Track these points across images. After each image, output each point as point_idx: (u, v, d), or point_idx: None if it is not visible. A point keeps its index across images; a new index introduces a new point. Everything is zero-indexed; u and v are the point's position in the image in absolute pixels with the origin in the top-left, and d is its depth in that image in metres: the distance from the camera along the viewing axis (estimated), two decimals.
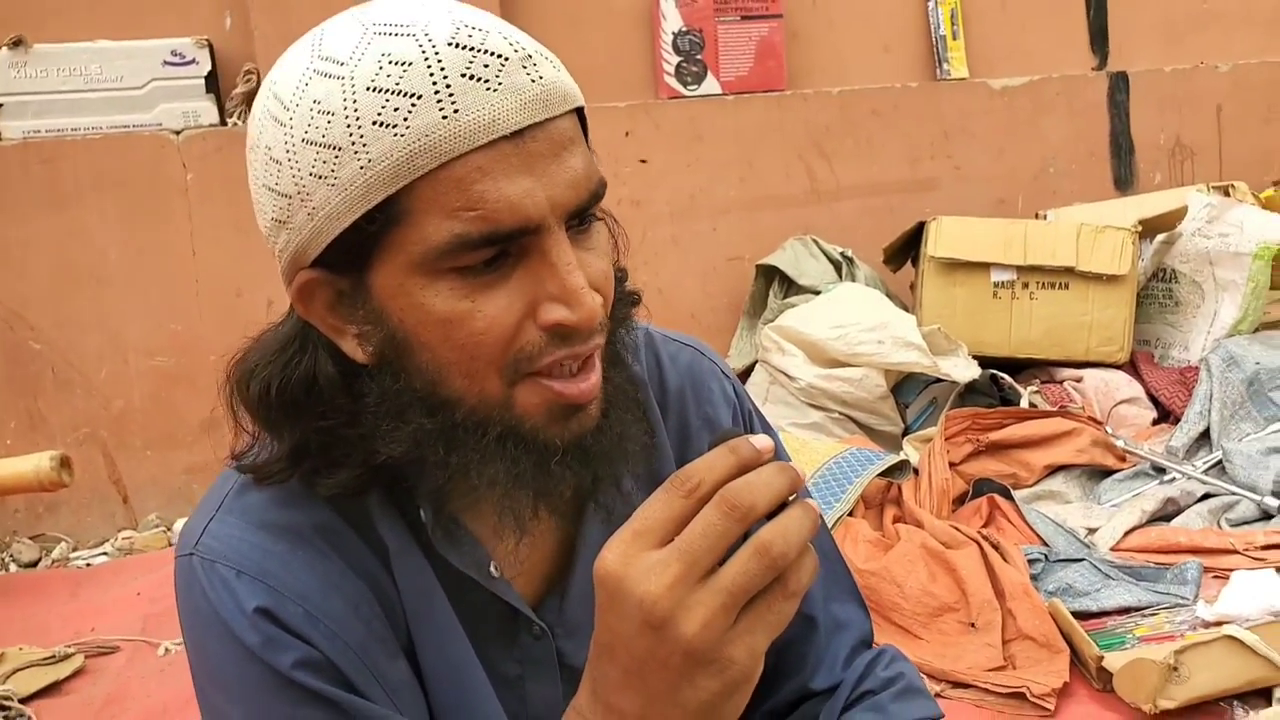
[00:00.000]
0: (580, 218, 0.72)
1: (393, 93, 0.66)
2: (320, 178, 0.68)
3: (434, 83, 0.66)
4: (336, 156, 0.67)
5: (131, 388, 3.22)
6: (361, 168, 0.66)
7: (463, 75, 0.66)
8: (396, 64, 0.66)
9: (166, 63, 3.16)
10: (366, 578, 0.79)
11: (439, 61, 0.66)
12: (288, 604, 0.75)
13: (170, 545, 3.09)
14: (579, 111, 0.74)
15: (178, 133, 3.19)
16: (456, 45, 0.66)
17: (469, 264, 0.68)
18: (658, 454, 0.89)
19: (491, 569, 0.82)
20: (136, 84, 3.16)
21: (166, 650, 2.41)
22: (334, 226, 0.69)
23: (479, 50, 0.67)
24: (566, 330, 0.70)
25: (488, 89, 0.66)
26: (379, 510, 0.79)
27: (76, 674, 2.33)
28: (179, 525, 3.17)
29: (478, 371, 0.71)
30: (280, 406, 0.75)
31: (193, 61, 3.18)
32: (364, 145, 0.66)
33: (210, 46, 3.21)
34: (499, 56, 0.67)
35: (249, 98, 3.26)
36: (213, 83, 3.22)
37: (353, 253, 0.70)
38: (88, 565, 3.02)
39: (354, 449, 0.75)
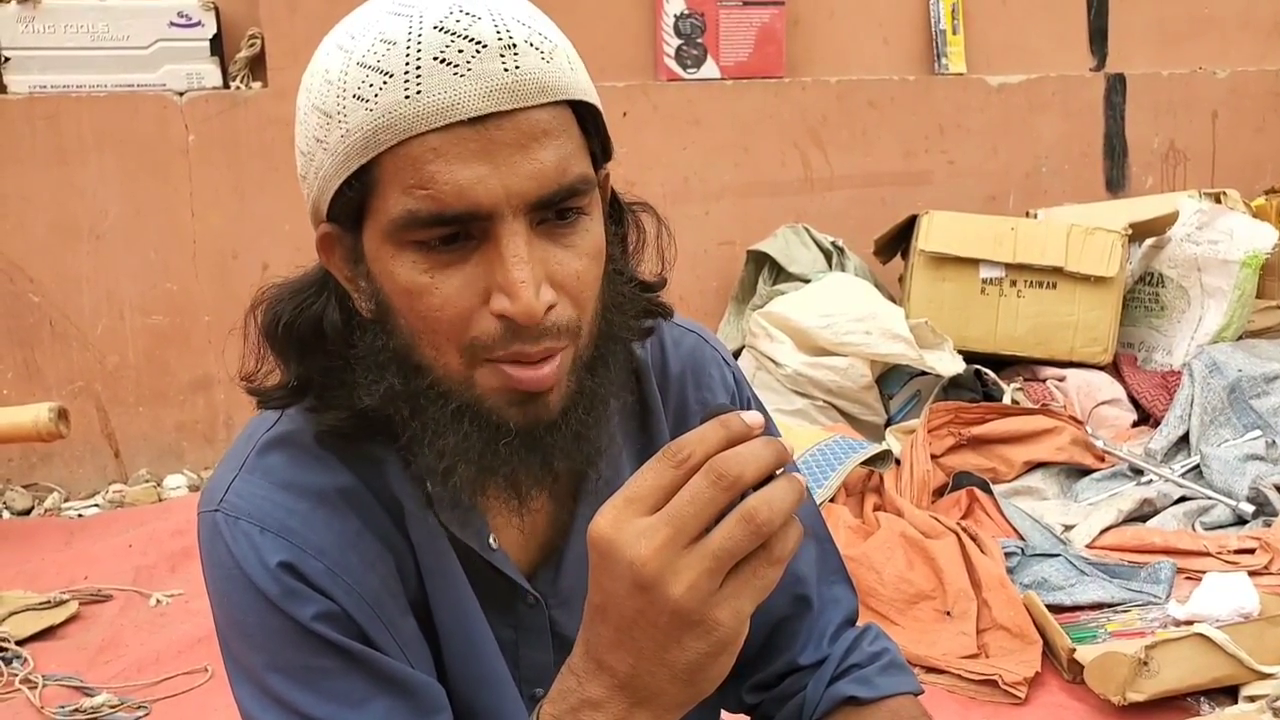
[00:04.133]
0: (557, 212, 0.73)
1: (374, 69, 0.70)
2: (319, 141, 0.73)
3: (407, 63, 0.69)
4: (327, 123, 0.72)
5: (126, 344, 3.24)
6: (342, 136, 0.71)
7: (434, 59, 0.69)
8: (385, 43, 0.70)
9: (173, 24, 3.16)
10: (382, 538, 0.82)
11: (419, 44, 0.69)
12: (308, 559, 0.78)
13: (160, 500, 3.12)
14: (578, 106, 0.74)
15: (181, 94, 3.19)
16: (440, 29, 0.69)
17: (424, 239, 0.71)
18: (655, 436, 0.93)
19: (491, 541, 0.85)
20: (142, 43, 3.15)
21: (158, 602, 2.45)
22: (329, 187, 0.74)
23: (459, 36, 0.69)
24: (509, 322, 0.71)
25: (455, 74, 0.69)
26: (396, 475, 0.82)
27: (71, 620, 2.38)
28: (168, 481, 3.21)
29: (439, 345, 0.74)
30: (287, 341, 0.80)
31: (198, 24, 3.18)
32: (344, 116, 0.71)
33: (216, 10, 3.21)
34: (477, 43, 0.69)
35: (252, 62, 3.27)
36: (217, 46, 3.22)
37: (348, 213, 0.75)
38: (80, 516, 3.05)
39: (345, 393, 0.79)
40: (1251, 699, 1.81)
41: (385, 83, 0.69)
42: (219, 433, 3.32)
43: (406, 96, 0.69)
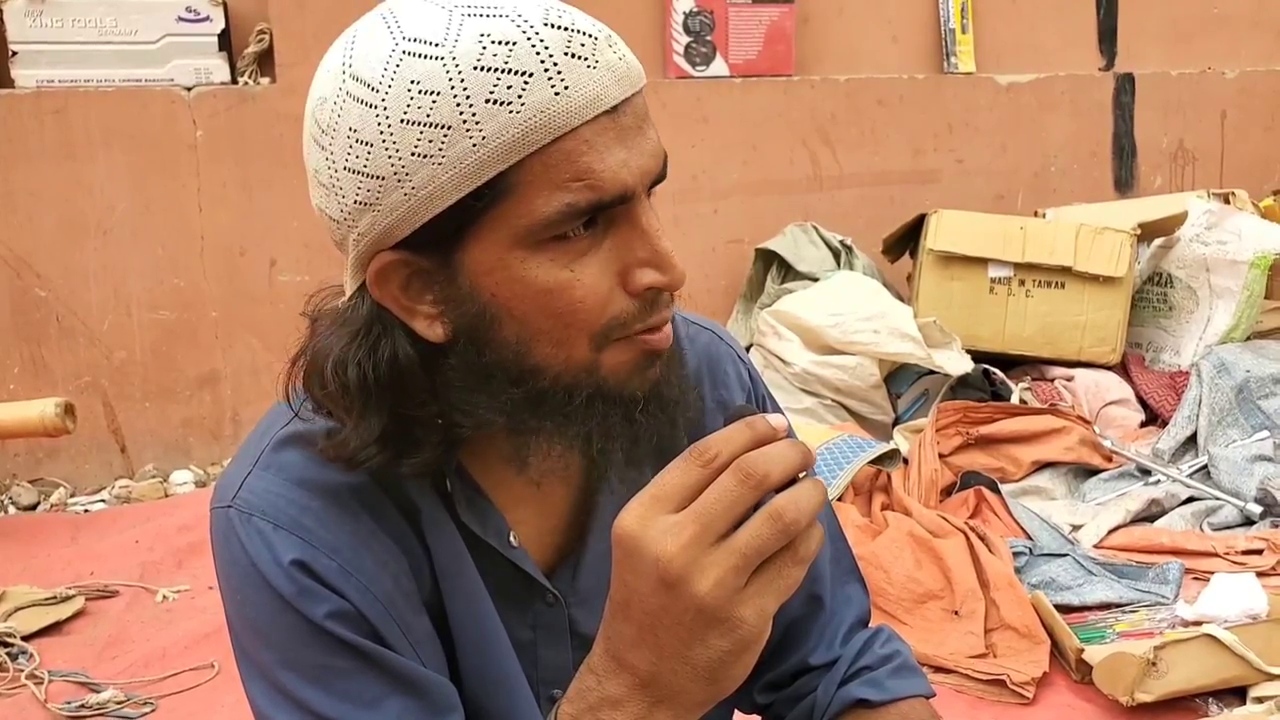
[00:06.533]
0: (652, 187, 0.76)
1: (503, 71, 0.67)
2: (425, 157, 0.68)
3: (541, 61, 0.67)
4: (445, 135, 0.67)
5: (133, 340, 3.24)
6: (474, 145, 0.67)
7: (565, 54, 0.68)
8: (500, 43, 0.67)
9: (180, 18, 3.16)
10: (395, 537, 0.82)
11: (541, 41, 0.68)
12: (322, 558, 0.78)
13: (166, 496, 3.12)
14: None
15: (189, 89, 3.19)
16: (550, 25, 0.69)
17: (563, 231, 0.70)
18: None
19: (511, 538, 0.85)
20: (150, 38, 3.15)
21: (164, 598, 2.46)
22: (434, 206, 0.69)
23: (572, 30, 0.69)
24: (657, 294, 0.74)
25: (588, 66, 0.69)
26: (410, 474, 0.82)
27: (77, 615, 2.38)
28: (174, 477, 3.21)
29: (569, 339, 0.73)
30: (375, 390, 0.76)
31: (206, 19, 3.18)
32: (476, 123, 0.67)
33: (225, 5, 3.20)
34: (591, 36, 0.70)
35: (260, 58, 3.27)
36: (225, 41, 3.22)
37: (446, 231, 0.71)
38: (86, 511, 3.05)
39: (432, 427, 0.77)
40: (1260, 700, 1.81)
41: (526, 83, 0.67)
42: (225, 429, 3.32)
43: (556, 93, 0.68)
